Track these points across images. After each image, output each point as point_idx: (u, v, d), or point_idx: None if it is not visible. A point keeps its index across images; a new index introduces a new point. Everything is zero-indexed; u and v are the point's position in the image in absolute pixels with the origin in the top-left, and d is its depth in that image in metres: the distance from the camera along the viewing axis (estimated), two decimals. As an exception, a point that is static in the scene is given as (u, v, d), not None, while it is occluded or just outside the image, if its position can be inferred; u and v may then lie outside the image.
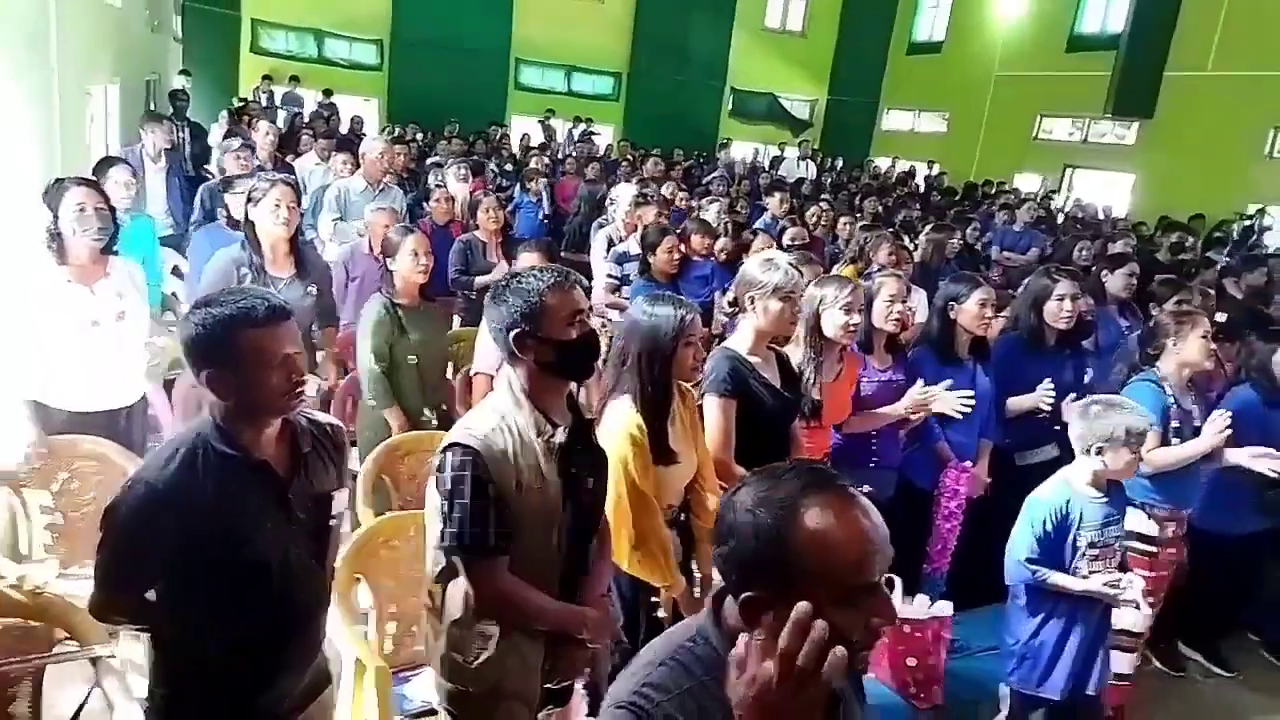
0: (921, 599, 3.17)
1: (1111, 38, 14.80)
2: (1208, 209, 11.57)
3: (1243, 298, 6.20)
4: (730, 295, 3.04)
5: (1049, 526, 2.78)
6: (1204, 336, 3.56)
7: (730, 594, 1.21)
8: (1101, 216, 12.34)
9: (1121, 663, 3.31)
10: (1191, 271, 7.16)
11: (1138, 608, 2.98)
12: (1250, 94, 12.46)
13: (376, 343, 3.63)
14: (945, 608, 3.14)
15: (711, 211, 6.29)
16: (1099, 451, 2.76)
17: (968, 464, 3.63)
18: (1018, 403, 3.86)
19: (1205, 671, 4.11)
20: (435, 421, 3.71)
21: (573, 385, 2.11)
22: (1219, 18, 13.13)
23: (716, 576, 1.24)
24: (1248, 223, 11.38)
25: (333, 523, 1.98)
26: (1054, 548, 2.79)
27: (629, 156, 12.88)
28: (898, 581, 3.14)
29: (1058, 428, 3.73)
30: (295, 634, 1.92)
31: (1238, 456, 3.48)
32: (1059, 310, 3.84)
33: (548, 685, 2.08)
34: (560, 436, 1.97)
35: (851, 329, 3.17)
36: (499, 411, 1.98)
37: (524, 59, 18.08)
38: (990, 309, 3.68)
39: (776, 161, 17.25)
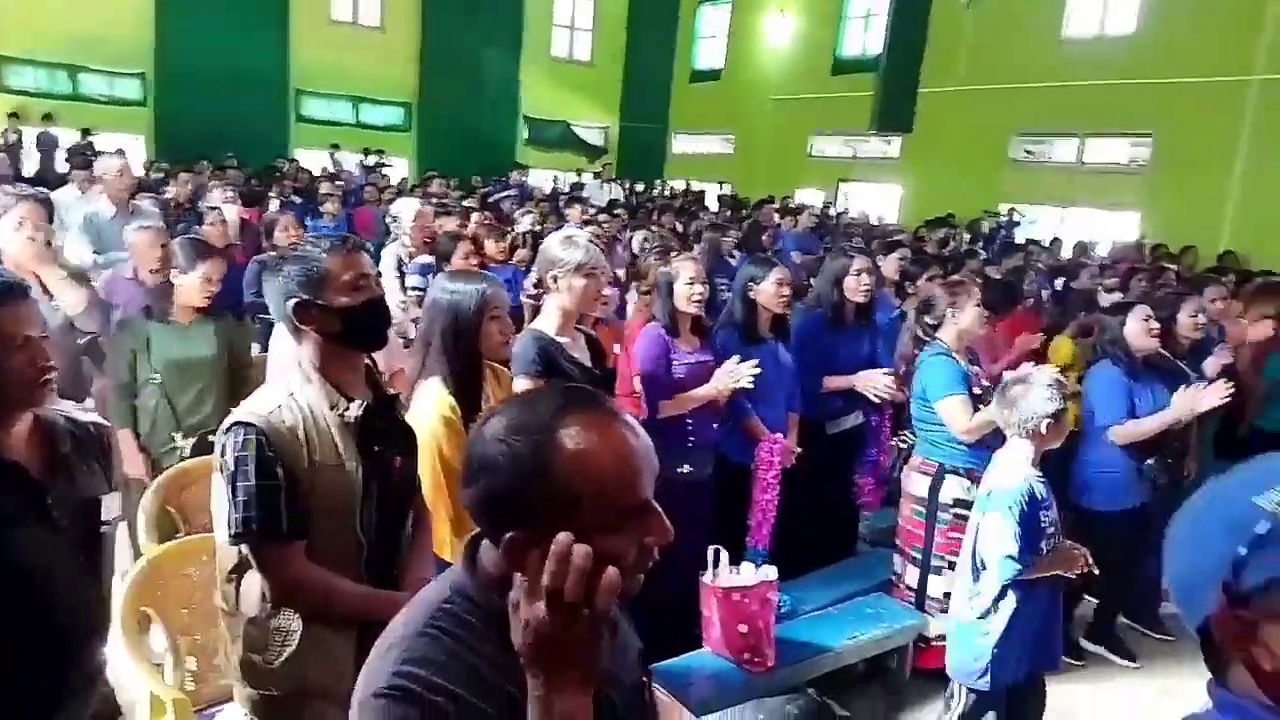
0: (747, 567, 3.23)
1: (872, 59, 16.12)
2: (964, 211, 12.76)
3: (1001, 278, 6.83)
4: (533, 277, 3.00)
5: (1023, 514, 2.75)
6: (978, 305, 3.85)
7: (487, 539, 1.09)
8: (874, 222, 13.35)
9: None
10: (958, 262, 7.85)
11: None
12: (994, 105, 13.91)
13: (114, 357, 3.39)
14: (770, 572, 3.21)
15: (525, 223, 6.26)
16: (1033, 433, 2.81)
17: (779, 437, 3.75)
18: (834, 382, 4.08)
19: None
20: (187, 450, 3.36)
21: (370, 359, 1.99)
22: (963, 36, 14.59)
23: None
24: (1001, 219, 12.63)
25: (104, 529, 1.75)
26: (1032, 533, 2.77)
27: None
28: (723, 553, 3.20)
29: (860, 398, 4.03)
30: (69, 657, 1.67)
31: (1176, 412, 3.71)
32: (857, 284, 4.07)
33: (363, 682, 1.92)
34: (356, 411, 1.84)
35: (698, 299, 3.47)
36: (287, 388, 1.83)
37: (305, 90, 17.41)
38: (787, 288, 3.84)
39: (577, 186, 17.50)
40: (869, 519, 4.50)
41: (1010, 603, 2.77)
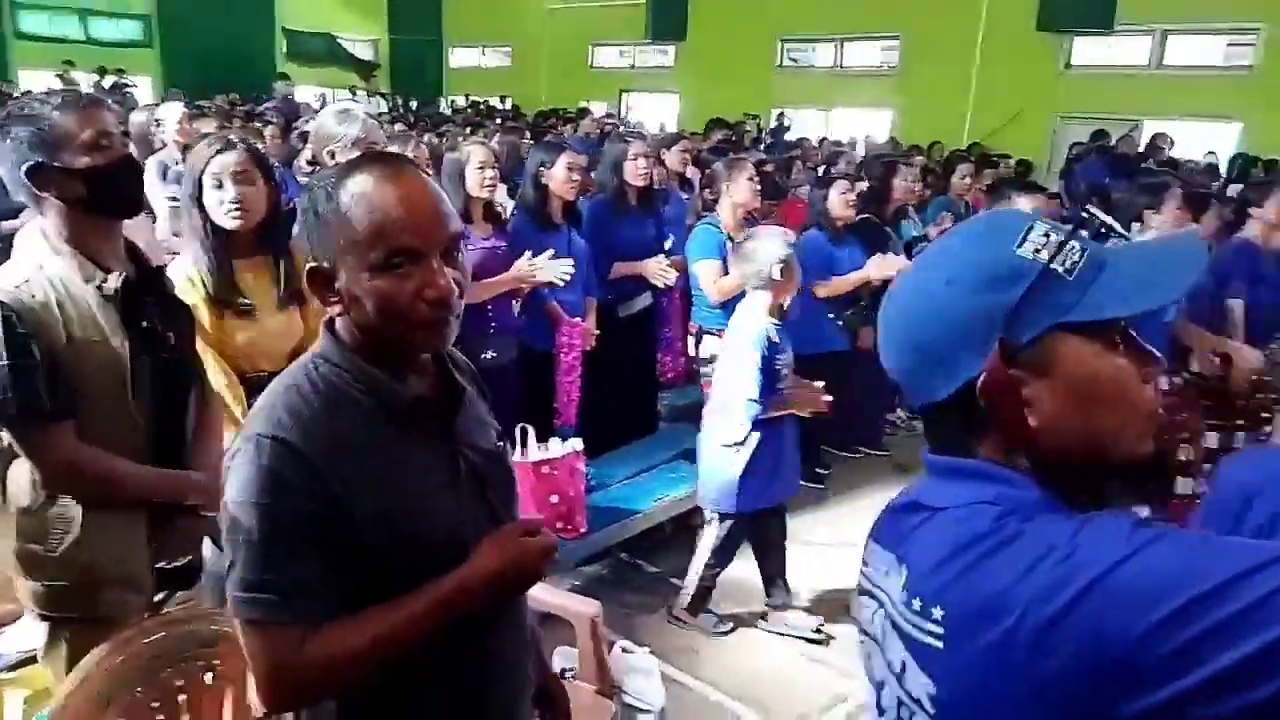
0: (555, 442, 3.31)
1: (644, -32, 16.10)
2: (737, 116, 13.21)
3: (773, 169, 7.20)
4: (307, 153, 2.84)
5: (762, 358, 2.99)
6: (750, 179, 4.08)
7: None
8: (657, 130, 13.55)
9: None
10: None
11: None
12: (761, 12, 14.35)
13: None
14: (576, 443, 3.31)
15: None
16: (768, 282, 3.05)
17: (578, 321, 3.82)
18: (622, 268, 4.18)
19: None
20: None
21: (129, 226, 1.83)
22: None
23: None
24: (774, 125, 13.18)
25: None
26: (770, 376, 3.02)
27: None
28: (530, 430, 3.25)
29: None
30: None
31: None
32: (635, 169, 4.15)
33: (161, 565, 1.83)
34: (115, 283, 1.70)
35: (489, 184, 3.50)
36: (36, 262, 1.67)
37: (23, 3, 15.23)
38: (577, 172, 3.86)
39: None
40: (668, 397, 4.70)
41: (754, 438, 3.04)
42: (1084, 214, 3.08)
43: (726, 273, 3.89)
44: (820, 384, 3.21)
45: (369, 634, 1.08)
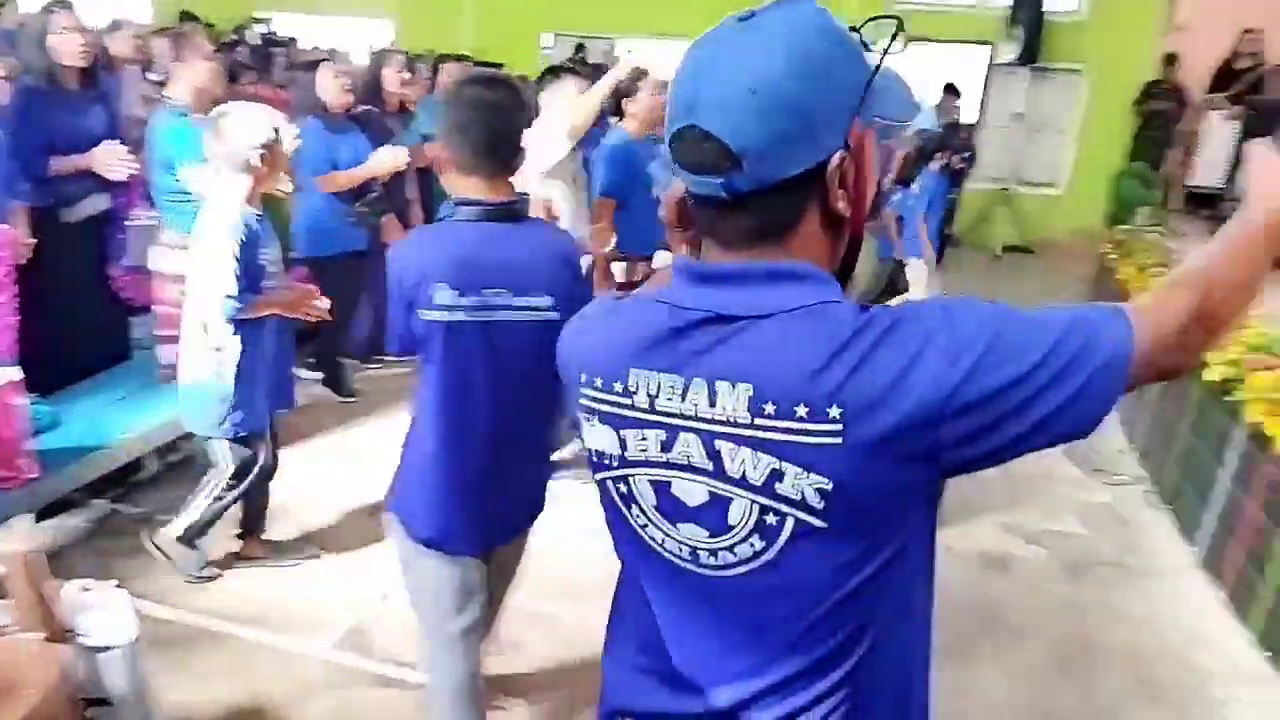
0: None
1: None
2: (221, 18, 11.82)
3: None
4: None
5: (241, 249, 2.54)
6: (206, 58, 3.59)
7: None
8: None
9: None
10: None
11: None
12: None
13: None
14: (9, 374, 2.70)
15: None
16: (246, 166, 2.62)
17: (4, 227, 3.09)
18: (63, 163, 3.44)
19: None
20: None
21: None
22: None
23: None
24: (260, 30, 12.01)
25: None
26: (252, 271, 2.59)
27: None
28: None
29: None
30: None
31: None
32: (61, 42, 3.40)
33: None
34: None
35: None
36: None
37: None
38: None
39: None
40: (143, 320, 4.05)
41: (236, 346, 2.67)
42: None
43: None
44: (314, 288, 2.91)
45: None
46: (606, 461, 0.93)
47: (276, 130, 2.71)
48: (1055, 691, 2.76)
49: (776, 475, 0.82)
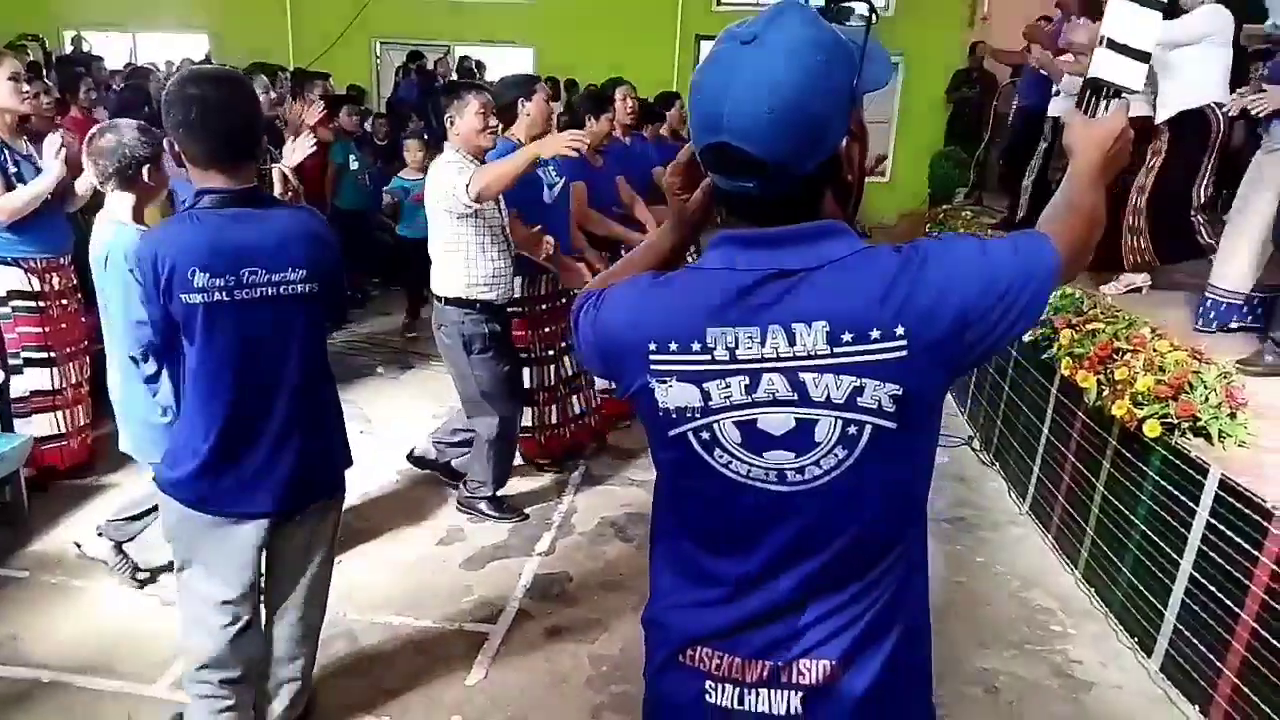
0: None
1: None
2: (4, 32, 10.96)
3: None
4: None
5: (149, 268, 2.24)
6: (11, 79, 3.34)
7: None
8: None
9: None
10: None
11: None
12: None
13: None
14: None
15: None
16: (132, 182, 2.48)
17: None
18: None
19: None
20: None
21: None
22: None
23: None
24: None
25: None
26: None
27: None
28: None
29: None
30: None
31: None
32: None
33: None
34: None
35: None
36: None
37: None
38: None
39: None
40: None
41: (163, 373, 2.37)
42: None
43: (10, 188, 3.25)
44: None
45: None
46: (689, 415, 1.05)
47: (156, 144, 2.56)
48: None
49: (858, 391, 1.00)
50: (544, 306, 3.94)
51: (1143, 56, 1.26)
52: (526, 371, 3.83)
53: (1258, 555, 2.38)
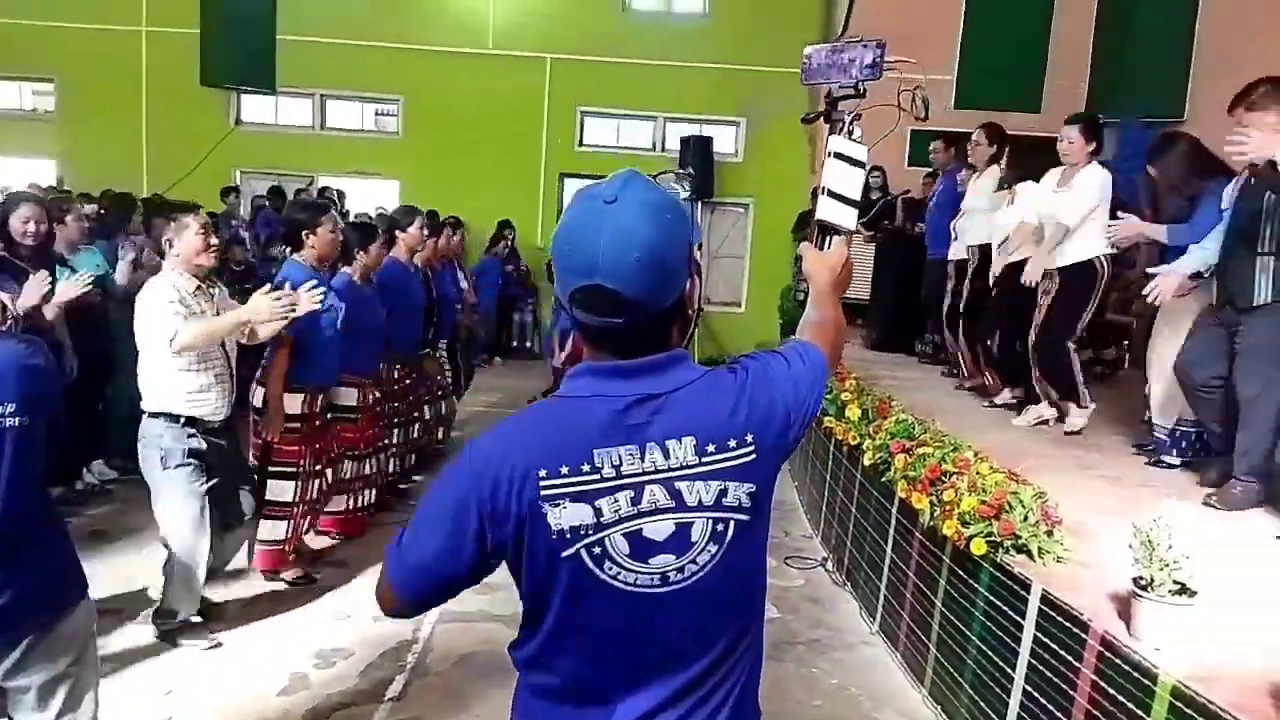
0: None
1: None
2: None
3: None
4: None
5: None
6: None
7: None
8: None
9: None
10: None
11: None
12: None
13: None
14: None
15: None
16: None
17: None
18: None
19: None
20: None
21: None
22: None
23: None
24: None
25: None
26: None
27: None
28: None
29: None
30: None
31: None
32: None
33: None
34: None
35: None
36: None
37: None
38: None
39: None
40: None
41: None
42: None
43: None
44: None
45: None
46: (582, 533, 1.15)
47: None
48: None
49: (723, 493, 1.18)
50: (319, 423, 4.12)
51: (853, 204, 1.66)
52: (290, 485, 3.97)
53: (1079, 666, 2.54)
